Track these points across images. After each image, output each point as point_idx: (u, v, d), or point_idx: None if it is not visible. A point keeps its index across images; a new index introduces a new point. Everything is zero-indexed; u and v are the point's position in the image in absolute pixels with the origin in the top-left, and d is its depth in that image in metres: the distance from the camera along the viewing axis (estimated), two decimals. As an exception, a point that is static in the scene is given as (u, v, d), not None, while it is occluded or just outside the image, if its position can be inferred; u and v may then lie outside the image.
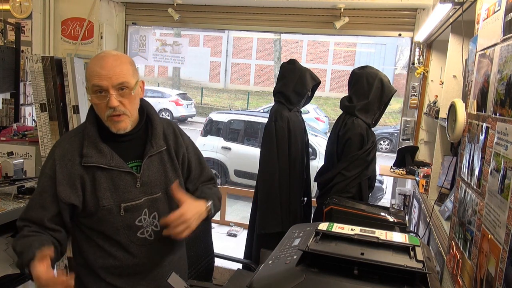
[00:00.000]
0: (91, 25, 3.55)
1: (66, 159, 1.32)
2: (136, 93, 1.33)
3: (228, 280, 1.89)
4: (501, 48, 1.18)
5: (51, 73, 2.52)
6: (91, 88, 1.29)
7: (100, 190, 1.31)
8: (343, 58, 19.80)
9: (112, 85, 1.27)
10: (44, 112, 2.53)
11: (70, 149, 1.33)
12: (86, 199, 1.32)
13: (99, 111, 1.31)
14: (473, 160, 1.36)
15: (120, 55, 1.34)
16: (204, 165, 1.57)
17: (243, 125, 7.25)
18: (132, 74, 1.33)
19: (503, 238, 1.03)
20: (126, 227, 1.35)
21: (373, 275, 0.99)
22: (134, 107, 1.35)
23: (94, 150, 1.32)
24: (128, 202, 1.34)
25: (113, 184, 1.33)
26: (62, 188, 1.30)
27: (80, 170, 1.31)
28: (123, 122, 1.31)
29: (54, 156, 1.33)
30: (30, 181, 2.13)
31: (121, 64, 1.30)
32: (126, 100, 1.30)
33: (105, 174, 1.32)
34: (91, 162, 1.31)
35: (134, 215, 1.36)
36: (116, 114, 1.29)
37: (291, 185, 2.45)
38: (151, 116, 1.43)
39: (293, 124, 2.46)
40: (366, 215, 1.78)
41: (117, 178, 1.33)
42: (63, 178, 1.30)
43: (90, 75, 1.29)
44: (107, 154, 1.32)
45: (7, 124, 3.20)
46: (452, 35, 2.23)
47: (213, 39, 20.77)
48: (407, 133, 3.26)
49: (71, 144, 1.34)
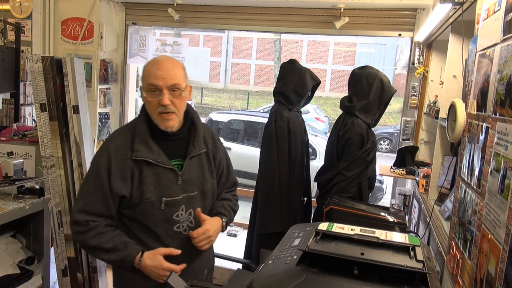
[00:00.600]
0: (91, 25, 3.55)
1: (119, 154, 1.44)
2: (185, 95, 1.47)
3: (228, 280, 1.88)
4: (501, 48, 1.18)
5: (51, 73, 2.51)
6: (146, 87, 1.43)
7: (145, 184, 1.43)
8: (343, 58, 19.80)
9: (166, 85, 1.40)
10: (44, 112, 2.53)
11: (123, 144, 1.45)
12: (133, 191, 1.44)
13: (151, 108, 1.44)
14: (473, 160, 1.36)
15: (175, 60, 1.48)
16: (231, 171, 1.73)
17: (243, 125, 7.25)
18: (184, 78, 1.47)
19: (503, 238, 1.03)
20: (165, 220, 1.47)
21: (373, 275, 0.99)
22: (182, 108, 1.48)
23: (144, 146, 1.44)
24: (169, 197, 1.46)
25: (157, 179, 1.45)
26: (115, 180, 1.42)
27: (131, 163, 1.43)
28: (172, 120, 1.45)
29: (109, 150, 1.45)
30: (30, 181, 2.13)
31: (175, 67, 1.45)
32: (176, 100, 1.43)
33: (151, 169, 1.44)
34: (141, 157, 1.43)
35: (172, 210, 1.47)
36: (166, 112, 1.42)
37: (291, 185, 2.45)
38: (194, 120, 1.57)
39: (293, 124, 2.45)
40: (366, 215, 1.78)
41: (161, 174, 1.45)
42: (117, 170, 1.42)
43: (147, 75, 1.43)
44: (155, 151, 1.44)
45: (7, 124, 3.20)
46: (452, 35, 2.22)
47: (213, 39, 20.77)
48: (407, 133, 3.26)
49: (124, 139, 1.46)
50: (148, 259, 1.42)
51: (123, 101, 3.95)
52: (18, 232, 2.20)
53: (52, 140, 2.54)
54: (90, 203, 1.43)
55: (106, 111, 3.82)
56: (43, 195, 2.10)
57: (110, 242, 1.42)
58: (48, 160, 2.54)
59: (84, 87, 2.79)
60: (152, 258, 1.42)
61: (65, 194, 2.59)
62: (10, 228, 2.14)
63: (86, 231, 1.42)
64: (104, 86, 3.74)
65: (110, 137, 1.53)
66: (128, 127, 1.52)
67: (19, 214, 1.96)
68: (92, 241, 1.42)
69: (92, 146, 2.86)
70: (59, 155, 2.56)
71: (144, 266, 1.42)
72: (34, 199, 2.06)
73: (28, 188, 2.10)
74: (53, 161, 2.55)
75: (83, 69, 2.84)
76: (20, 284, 2.00)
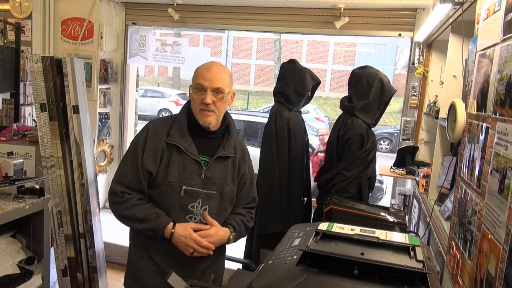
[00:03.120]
0: (91, 25, 3.55)
1: (156, 134, 1.58)
2: (226, 98, 1.59)
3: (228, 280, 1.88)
4: (501, 48, 1.18)
5: (51, 73, 2.51)
6: (194, 86, 1.58)
7: (171, 167, 1.55)
8: (343, 58, 19.81)
9: (211, 86, 1.54)
10: (44, 112, 2.53)
11: (161, 127, 1.60)
12: (159, 171, 1.56)
13: (194, 104, 1.58)
14: (473, 160, 1.36)
15: (224, 67, 1.63)
16: (253, 188, 1.80)
17: (243, 125, 7.25)
18: (228, 84, 1.60)
19: (503, 238, 1.03)
20: (180, 207, 1.56)
21: (373, 275, 0.99)
22: (221, 109, 1.60)
23: (179, 134, 1.58)
24: (189, 186, 1.56)
25: (183, 166, 1.56)
26: (147, 157, 1.56)
27: (163, 145, 1.57)
28: (210, 117, 1.56)
29: (148, 130, 1.60)
30: (30, 181, 2.13)
31: (222, 73, 1.58)
32: (218, 102, 1.56)
33: (180, 156, 1.56)
34: (174, 141, 1.56)
35: (190, 200, 1.56)
36: (207, 110, 1.55)
37: (291, 185, 2.45)
38: (230, 126, 1.68)
39: (293, 124, 2.45)
40: (366, 215, 1.78)
41: (188, 163, 1.56)
42: (150, 148, 1.57)
43: (197, 75, 1.58)
44: (187, 141, 1.57)
45: (7, 124, 3.20)
46: (452, 35, 2.23)
47: (213, 39, 20.78)
48: (407, 133, 3.26)
49: (163, 124, 1.62)
50: (179, 228, 1.52)
51: (123, 101, 3.96)
52: (18, 232, 2.20)
53: (52, 140, 2.54)
54: (126, 176, 1.57)
55: (106, 111, 3.83)
56: (43, 195, 2.10)
57: (143, 212, 1.53)
58: (48, 160, 2.54)
59: (84, 87, 2.79)
60: (183, 228, 1.52)
61: (65, 194, 2.59)
62: (10, 228, 2.14)
63: (121, 202, 1.55)
64: (104, 86, 3.74)
65: (152, 121, 1.66)
66: (170, 116, 1.68)
67: (19, 214, 1.96)
68: (127, 211, 1.54)
69: (92, 146, 2.86)
70: (59, 155, 2.56)
71: (175, 235, 1.51)
72: (34, 199, 2.06)
73: (28, 188, 2.10)
74: (53, 161, 2.55)
75: (83, 69, 2.84)
76: (20, 284, 2.00)
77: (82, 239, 2.66)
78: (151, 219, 1.52)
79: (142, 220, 1.52)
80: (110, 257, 3.28)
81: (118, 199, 1.56)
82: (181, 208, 1.56)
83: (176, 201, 1.56)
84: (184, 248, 1.52)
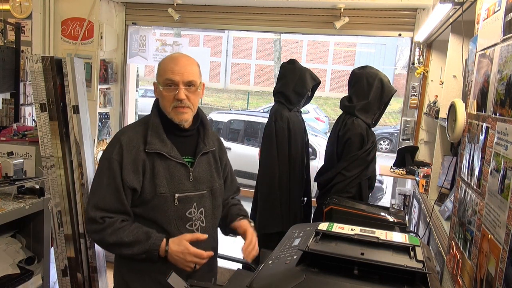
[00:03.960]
0: (91, 25, 3.54)
1: (131, 146, 1.43)
2: (199, 91, 1.50)
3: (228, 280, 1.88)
4: (501, 48, 1.18)
5: (51, 73, 2.51)
6: (163, 82, 1.45)
7: (158, 178, 1.42)
8: (343, 58, 19.81)
9: (183, 80, 1.43)
10: (44, 112, 2.53)
11: (135, 137, 1.45)
12: (145, 185, 1.42)
13: (165, 102, 1.45)
14: (473, 160, 1.36)
15: (191, 57, 1.52)
16: (234, 177, 1.76)
17: (243, 125, 7.25)
18: (199, 75, 1.50)
19: (503, 238, 1.03)
20: (178, 217, 1.45)
21: (373, 275, 0.99)
22: (196, 104, 1.50)
23: (157, 139, 1.44)
24: (182, 192, 1.45)
25: (169, 173, 1.44)
26: (127, 173, 1.40)
27: (143, 156, 1.42)
28: (186, 113, 1.46)
29: (120, 142, 1.44)
30: (30, 181, 2.13)
31: (192, 64, 1.48)
32: (191, 96, 1.46)
33: (164, 163, 1.43)
34: (154, 149, 1.42)
35: (185, 207, 1.46)
36: (181, 106, 1.44)
37: (291, 185, 2.45)
38: (203, 119, 1.59)
39: (293, 124, 2.45)
40: (366, 215, 1.78)
41: (173, 168, 1.45)
42: (128, 163, 1.41)
43: (164, 70, 1.45)
44: (168, 144, 1.45)
45: (7, 124, 3.20)
46: (452, 35, 2.22)
47: (213, 39, 20.77)
48: (407, 133, 3.26)
49: (135, 132, 1.47)
50: (174, 245, 1.40)
51: (123, 101, 3.95)
52: (18, 232, 2.20)
53: (52, 140, 2.54)
54: (104, 199, 1.40)
55: (106, 111, 3.82)
56: (43, 195, 2.10)
57: (130, 235, 1.38)
58: (48, 160, 2.54)
59: (84, 87, 2.79)
60: (178, 243, 1.40)
61: (65, 194, 2.59)
62: (10, 228, 2.14)
63: (103, 228, 1.39)
64: (104, 86, 3.74)
65: (120, 131, 1.51)
66: (140, 122, 1.52)
67: (19, 214, 1.96)
68: (112, 237, 1.39)
69: (92, 146, 2.86)
70: (59, 155, 2.56)
71: (171, 252, 1.39)
72: (34, 199, 2.06)
73: (28, 188, 2.10)
74: (53, 161, 2.55)
75: (83, 69, 2.84)
76: (20, 284, 2.00)
77: (82, 239, 2.66)
78: (142, 241, 1.38)
79: (131, 243, 1.38)
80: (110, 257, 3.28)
81: (99, 226, 1.39)
82: (179, 218, 1.45)
83: (172, 212, 1.44)
84: (184, 266, 1.41)
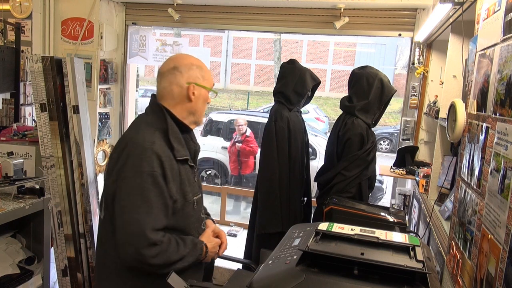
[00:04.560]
0: (91, 25, 3.54)
1: (166, 156, 1.32)
2: None
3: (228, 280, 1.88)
4: (501, 48, 1.18)
5: (51, 73, 2.51)
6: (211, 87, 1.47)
7: (184, 184, 1.37)
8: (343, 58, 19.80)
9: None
10: (44, 112, 2.53)
11: (163, 145, 1.34)
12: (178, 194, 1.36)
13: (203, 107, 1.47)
14: (473, 160, 1.36)
15: None
16: None
17: (243, 125, 7.24)
18: None
19: (503, 238, 1.03)
20: (197, 220, 1.46)
21: (373, 275, 0.99)
22: None
23: (180, 145, 1.38)
24: (196, 195, 1.44)
25: (187, 177, 1.40)
26: (171, 186, 1.33)
27: (176, 164, 1.36)
28: None
29: (157, 153, 1.30)
30: (30, 181, 2.13)
31: None
32: None
33: (184, 168, 1.39)
34: (183, 156, 1.37)
35: (200, 208, 1.48)
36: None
37: (291, 185, 2.45)
38: None
39: (293, 124, 2.45)
40: (366, 215, 1.78)
41: (189, 172, 1.42)
42: (170, 175, 1.32)
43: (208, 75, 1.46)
44: (186, 149, 1.41)
45: (7, 124, 3.20)
46: (452, 35, 2.22)
47: (213, 39, 20.76)
48: (407, 133, 3.26)
49: (160, 140, 1.34)
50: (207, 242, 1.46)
51: (123, 101, 3.95)
52: (18, 232, 2.20)
53: (52, 140, 2.54)
54: (157, 218, 1.29)
55: (106, 111, 3.82)
56: (43, 195, 2.10)
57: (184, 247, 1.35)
58: (48, 160, 2.55)
59: (84, 87, 2.79)
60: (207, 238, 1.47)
61: (65, 194, 2.59)
62: (10, 228, 2.14)
63: (166, 249, 1.30)
64: (104, 86, 3.74)
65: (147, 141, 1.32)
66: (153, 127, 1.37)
67: (19, 214, 1.96)
68: (176, 255, 1.32)
69: (92, 146, 2.86)
70: (59, 155, 2.56)
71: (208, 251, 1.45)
72: (34, 199, 2.06)
73: (28, 188, 2.10)
74: (53, 161, 2.55)
75: (83, 69, 2.84)
76: (20, 284, 2.00)
77: (82, 239, 2.66)
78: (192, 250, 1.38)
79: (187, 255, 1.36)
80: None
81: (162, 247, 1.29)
82: (198, 221, 1.48)
83: (193, 216, 1.45)
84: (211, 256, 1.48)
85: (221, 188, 4.55)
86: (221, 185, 5.17)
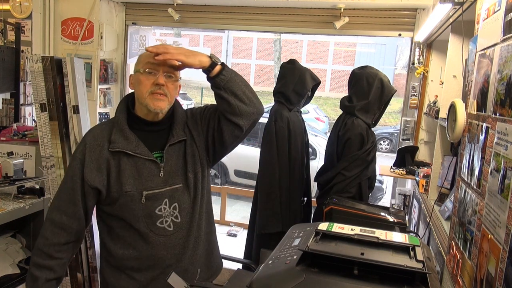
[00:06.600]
0: (91, 25, 3.55)
1: (95, 144, 1.40)
2: (178, 84, 1.45)
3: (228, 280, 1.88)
4: (501, 48, 1.18)
5: (51, 73, 2.51)
6: (142, 67, 1.38)
7: (124, 176, 1.38)
8: (343, 58, 19.81)
9: (163, 68, 1.38)
10: (44, 112, 2.53)
11: (100, 135, 1.42)
12: (110, 184, 1.39)
13: (143, 89, 1.38)
14: (473, 160, 1.36)
15: None
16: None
17: (243, 125, 7.23)
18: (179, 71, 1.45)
19: (503, 238, 1.03)
20: (146, 215, 1.41)
21: (373, 275, 0.99)
22: (173, 95, 1.44)
23: (121, 137, 1.39)
24: (150, 190, 1.40)
25: (137, 171, 1.40)
26: (89, 171, 1.38)
27: (107, 155, 1.39)
28: (162, 101, 1.39)
29: (85, 141, 1.42)
30: (30, 181, 2.13)
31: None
32: (170, 85, 1.41)
33: (130, 161, 1.39)
34: (118, 148, 1.38)
35: (154, 204, 1.42)
36: (159, 92, 1.38)
37: (291, 185, 2.45)
38: (175, 109, 1.50)
39: (293, 124, 2.45)
40: (366, 215, 1.78)
41: (141, 165, 1.40)
42: (91, 161, 1.38)
43: (144, 58, 1.40)
44: (133, 141, 1.40)
45: (7, 124, 3.20)
46: (452, 35, 2.23)
47: (213, 39, 20.77)
48: (407, 133, 3.26)
49: (101, 131, 1.43)
50: None
51: (123, 101, 3.96)
52: (18, 232, 2.20)
53: (52, 140, 2.54)
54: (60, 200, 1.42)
55: (106, 111, 3.83)
56: (43, 195, 2.11)
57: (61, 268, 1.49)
58: (48, 160, 2.55)
59: (84, 87, 2.79)
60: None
61: (65, 194, 2.59)
62: (10, 228, 2.14)
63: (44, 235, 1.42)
64: (104, 86, 3.74)
65: (89, 130, 1.48)
66: (108, 120, 1.50)
67: (19, 214, 1.97)
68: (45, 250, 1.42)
69: (92, 146, 2.85)
70: (59, 155, 2.56)
71: None
72: (34, 199, 2.06)
73: (28, 188, 2.10)
74: (53, 161, 2.55)
75: (83, 69, 2.84)
76: (20, 284, 2.00)
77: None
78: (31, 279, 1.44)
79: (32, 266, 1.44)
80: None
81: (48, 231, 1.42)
82: (148, 216, 1.41)
83: (139, 210, 1.40)
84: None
85: (221, 188, 4.55)
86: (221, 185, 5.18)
